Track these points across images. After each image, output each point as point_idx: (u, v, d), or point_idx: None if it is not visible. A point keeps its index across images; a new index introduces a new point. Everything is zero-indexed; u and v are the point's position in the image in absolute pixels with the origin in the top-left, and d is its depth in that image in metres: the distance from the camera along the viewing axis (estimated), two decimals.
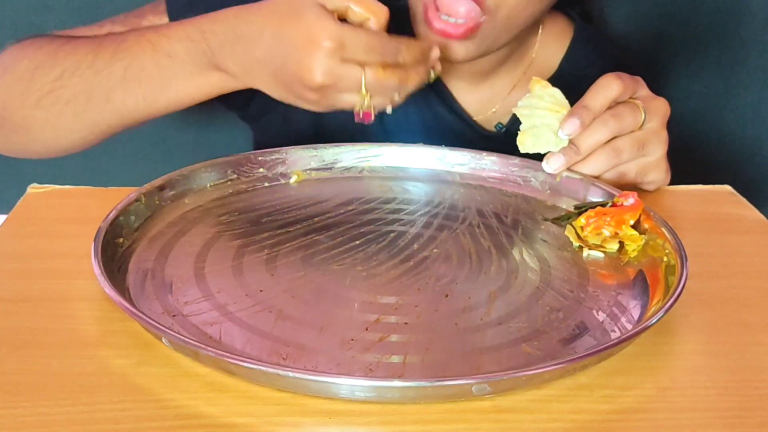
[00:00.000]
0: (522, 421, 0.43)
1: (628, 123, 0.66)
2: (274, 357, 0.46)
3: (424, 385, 0.42)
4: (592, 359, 0.45)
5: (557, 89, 0.67)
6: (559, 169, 0.66)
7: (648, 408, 0.45)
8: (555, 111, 0.66)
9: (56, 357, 0.47)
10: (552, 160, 0.66)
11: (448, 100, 0.86)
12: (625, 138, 0.66)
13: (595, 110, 0.65)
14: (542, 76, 0.86)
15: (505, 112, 0.87)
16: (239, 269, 0.55)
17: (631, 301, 0.53)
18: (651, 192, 0.70)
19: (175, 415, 0.42)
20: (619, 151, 0.66)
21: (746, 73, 1.16)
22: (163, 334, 0.45)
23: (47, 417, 0.42)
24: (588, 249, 0.59)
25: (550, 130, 0.65)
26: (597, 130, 0.65)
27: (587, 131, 0.65)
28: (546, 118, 0.66)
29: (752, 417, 0.44)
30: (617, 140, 0.66)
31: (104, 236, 0.54)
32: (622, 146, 0.66)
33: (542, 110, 0.66)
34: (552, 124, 0.65)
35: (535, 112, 0.66)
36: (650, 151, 0.67)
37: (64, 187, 0.67)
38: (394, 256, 0.57)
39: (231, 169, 0.67)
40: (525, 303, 0.52)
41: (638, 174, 0.68)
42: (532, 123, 0.66)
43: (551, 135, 0.65)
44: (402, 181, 0.69)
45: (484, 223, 0.63)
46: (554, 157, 0.66)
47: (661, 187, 0.71)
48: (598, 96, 0.66)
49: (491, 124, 0.87)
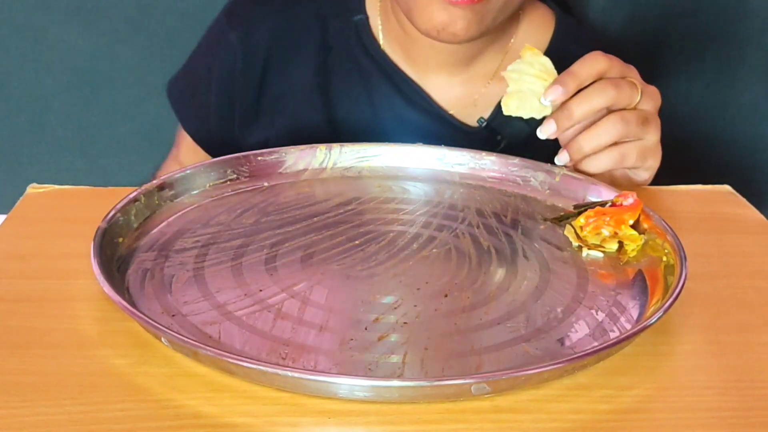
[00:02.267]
0: (521, 421, 0.43)
1: (624, 95, 0.65)
2: (273, 357, 0.46)
3: (423, 384, 0.42)
4: (591, 359, 0.45)
5: (547, 58, 0.67)
6: (552, 134, 0.65)
7: (647, 408, 0.45)
8: (543, 79, 0.65)
9: (56, 357, 0.47)
10: (545, 126, 0.65)
11: (419, 99, 0.86)
12: (630, 111, 0.66)
13: (580, 79, 0.65)
14: None
15: (486, 105, 0.87)
16: (239, 269, 0.55)
17: (630, 301, 0.53)
18: (650, 192, 0.70)
19: (175, 414, 0.42)
20: (627, 122, 0.65)
21: (746, 72, 1.16)
22: (162, 334, 0.45)
23: (47, 417, 0.42)
24: (587, 249, 0.59)
25: (536, 97, 0.65)
26: (592, 96, 0.64)
27: (582, 96, 0.64)
28: (533, 85, 0.65)
29: (752, 417, 0.44)
30: (624, 112, 0.66)
31: (104, 236, 0.54)
32: (629, 117, 0.65)
33: (530, 76, 0.66)
34: (538, 91, 0.65)
35: (523, 77, 0.66)
36: (650, 131, 0.67)
37: (64, 187, 0.67)
38: (393, 255, 0.57)
39: (231, 169, 0.67)
40: (524, 303, 0.52)
41: (639, 157, 0.67)
42: (519, 87, 0.66)
43: (536, 101, 0.65)
44: (401, 180, 0.69)
45: (483, 223, 0.63)
46: (546, 124, 0.65)
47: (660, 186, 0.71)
48: (584, 66, 0.65)
49: (472, 119, 0.87)
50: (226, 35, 0.89)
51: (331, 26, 0.88)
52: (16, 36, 1.08)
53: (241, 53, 0.88)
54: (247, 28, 0.88)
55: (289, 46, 0.88)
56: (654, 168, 0.69)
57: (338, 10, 0.88)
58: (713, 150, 1.21)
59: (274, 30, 0.88)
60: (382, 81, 0.87)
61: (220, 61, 0.89)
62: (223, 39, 0.89)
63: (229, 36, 0.89)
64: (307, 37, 0.88)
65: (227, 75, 0.89)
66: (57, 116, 1.12)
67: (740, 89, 1.17)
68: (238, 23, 0.89)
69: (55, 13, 1.07)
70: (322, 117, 0.88)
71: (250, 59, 0.88)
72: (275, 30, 0.88)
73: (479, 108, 0.87)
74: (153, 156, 1.05)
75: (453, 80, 0.87)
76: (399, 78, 0.87)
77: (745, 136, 1.20)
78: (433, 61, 0.86)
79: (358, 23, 0.88)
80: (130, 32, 1.09)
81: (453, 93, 0.88)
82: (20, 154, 1.14)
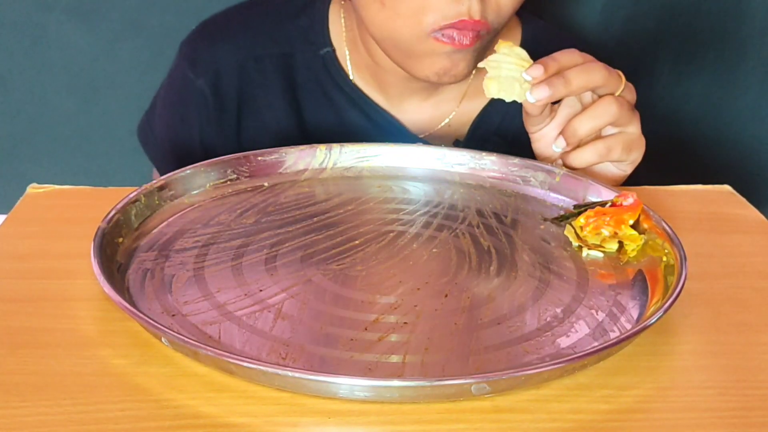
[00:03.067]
0: (521, 421, 0.43)
1: (612, 78, 0.65)
2: (273, 356, 0.46)
3: (423, 384, 0.42)
4: (591, 359, 0.45)
5: (522, 49, 0.67)
6: (544, 99, 0.64)
7: (648, 408, 0.45)
8: (521, 66, 0.65)
9: (56, 357, 0.47)
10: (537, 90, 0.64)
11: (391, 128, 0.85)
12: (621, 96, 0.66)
13: (560, 62, 0.65)
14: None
15: (460, 125, 0.87)
16: (239, 269, 0.55)
17: (630, 301, 0.53)
18: (650, 192, 0.70)
19: (175, 414, 0.42)
20: (621, 104, 0.65)
21: (746, 73, 1.16)
22: (162, 334, 0.45)
23: (47, 417, 0.42)
24: (587, 249, 0.59)
25: (517, 81, 0.65)
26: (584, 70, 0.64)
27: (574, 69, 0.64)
28: (513, 72, 0.65)
29: (752, 417, 0.44)
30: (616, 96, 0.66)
31: (104, 236, 0.54)
32: (621, 101, 0.65)
33: (509, 64, 0.66)
34: (518, 77, 0.65)
35: (502, 65, 0.66)
36: (635, 122, 0.67)
37: (64, 187, 0.67)
38: (393, 255, 0.57)
39: (231, 169, 0.67)
40: (524, 303, 0.52)
41: (624, 149, 0.67)
42: (498, 74, 0.66)
43: (517, 85, 0.65)
44: (401, 180, 0.69)
45: (483, 223, 0.63)
46: (539, 87, 0.64)
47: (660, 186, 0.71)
48: (563, 53, 0.65)
49: (447, 140, 0.87)
50: (193, 83, 0.87)
51: (297, 62, 0.87)
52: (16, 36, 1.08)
53: (212, 99, 0.86)
54: (215, 73, 0.86)
55: (257, 86, 0.87)
56: (637, 161, 0.69)
57: (302, 44, 0.87)
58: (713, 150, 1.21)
59: (241, 71, 0.86)
60: (354, 112, 0.87)
61: (194, 109, 0.87)
62: (191, 86, 0.87)
63: (197, 83, 0.86)
64: (274, 74, 0.86)
65: (204, 121, 0.87)
66: (57, 116, 1.12)
67: (740, 89, 1.17)
68: (203, 71, 0.86)
69: (55, 12, 1.07)
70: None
71: (223, 103, 0.87)
72: (242, 71, 0.86)
73: (453, 128, 0.87)
74: None
75: (425, 104, 0.87)
76: (370, 108, 0.87)
77: (745, 136, 1.20)
78: (405, 89, 0.85)
79: (325, 56, 0.86)
80: (130, 32, 1.09)
81: (426, 116, 0.87)
82: (20, 154, 1.14)
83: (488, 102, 0.87)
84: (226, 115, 0.87)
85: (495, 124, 0.87)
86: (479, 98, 0.87)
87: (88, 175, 1.15)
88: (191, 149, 0.88)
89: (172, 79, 0.90)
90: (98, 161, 1.15)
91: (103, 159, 1.15)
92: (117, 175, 1.16)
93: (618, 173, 0.70)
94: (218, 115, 0.87)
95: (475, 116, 0.87)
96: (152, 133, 0.92)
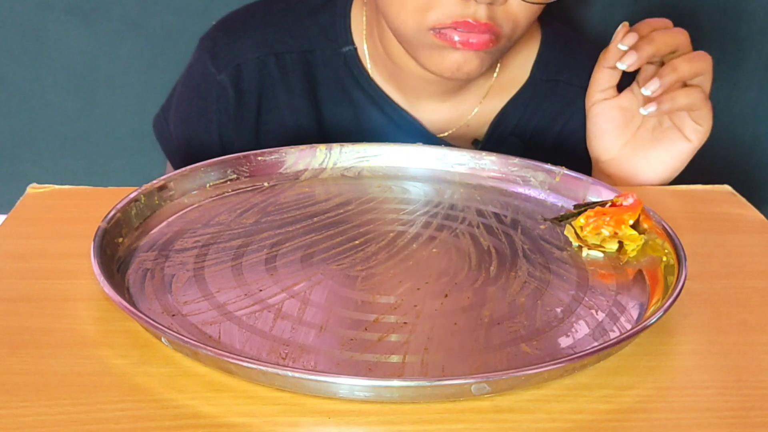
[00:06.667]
0: (521, 421, 0.43)
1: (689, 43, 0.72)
2: (273, 356, 0.46)
3: (423, 384, 0.42)
4: (591, 359, 0.45)
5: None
6: (657, 91, 0.70)
7: (648, 408, 0.45)
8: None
9: (56, 357, 0.47)
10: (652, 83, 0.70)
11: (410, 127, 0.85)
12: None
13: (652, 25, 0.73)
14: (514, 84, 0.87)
15: (479, 125, 0.87)
16: (239, 269, 0.55)
17: (630, 301, 0.53)
18: (650, 192, 0.70)
19: (175, 414, 0.42)
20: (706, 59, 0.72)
21: (746, 73, 1.16)
22: (162, 334, 0.45)
23: (47, 417, 0.42)
24: (587, 249, 0.59)
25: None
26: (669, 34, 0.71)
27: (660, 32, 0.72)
28: None
29: (752, 417, 0.44)
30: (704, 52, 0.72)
31: (104, 236, 0.54)
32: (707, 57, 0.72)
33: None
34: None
35: None
36: (709, 82, 0.73)
37: (63, 187, 0.67)
38: (393, 255, 0.57)
39: (231, 169, 0.67)
40: (524, 303, 0.52)
41: (705, 101, 0.72)
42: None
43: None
44: (401, 180, 0.69)
45: (483, 223, 0.63)
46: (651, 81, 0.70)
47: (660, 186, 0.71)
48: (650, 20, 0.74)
49: (466, 141, 0.87)
50: (213, 78, 0.86)
51: (317, 58, 0.86)
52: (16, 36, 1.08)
53: (233, 94, 0.86)
54: (236, 68, 0.86)
55: (277, 82, 0.86)
56: (707, 132, 0.74)
57: (323, 41, 0.86)
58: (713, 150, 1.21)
59: (262, 66, 0.86)
60: (373, 111, 0.87)
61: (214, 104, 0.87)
62: (211, 81, 0.87)
63: (218, 78, 0.86)
64: (294, 71, 0.86)
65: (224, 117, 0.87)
66: (57, 116, 1.12)
67: (740, 89, 1.17)
68: (224, 65, 0.86)
69: (55, 12, 1.07)
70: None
71: (243, 99, 0.86)
72: (262, 66, 0.86)
73: (472, 128, 0.87)
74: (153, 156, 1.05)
75: (443, 105, 0.87)
76: (390, 107, 0.86)
77: (746, 136, 1.20)
78: (423, 90, 0.85)
79: (347, 54, 0.86)
80: (130, 32, 1.09)
81: (444, 116, 0.87)
82: (20, 154, 1.14)
83: (507, 102, 0.87)
84: (246, 111, 0.87)
85: (512, 125, 0.87)
86: (498, 98, 0.87)
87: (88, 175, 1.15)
88: (208, 144, 0.88)
89: (190, 74, 0.90)
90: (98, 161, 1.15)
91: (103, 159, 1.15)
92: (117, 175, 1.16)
93: (687, 146, 0.74)
94: (238, 110, 0.87)
95: (493, 117, 0.88)
96: (168, 128, 0.92)
